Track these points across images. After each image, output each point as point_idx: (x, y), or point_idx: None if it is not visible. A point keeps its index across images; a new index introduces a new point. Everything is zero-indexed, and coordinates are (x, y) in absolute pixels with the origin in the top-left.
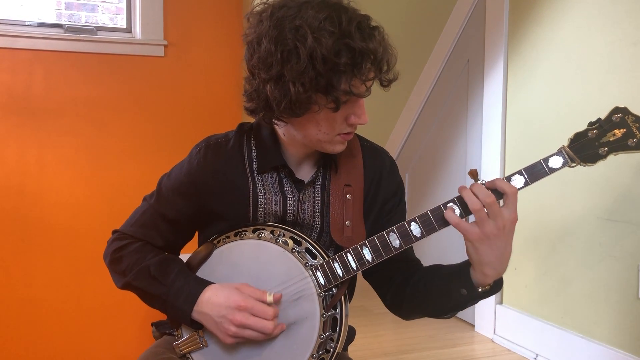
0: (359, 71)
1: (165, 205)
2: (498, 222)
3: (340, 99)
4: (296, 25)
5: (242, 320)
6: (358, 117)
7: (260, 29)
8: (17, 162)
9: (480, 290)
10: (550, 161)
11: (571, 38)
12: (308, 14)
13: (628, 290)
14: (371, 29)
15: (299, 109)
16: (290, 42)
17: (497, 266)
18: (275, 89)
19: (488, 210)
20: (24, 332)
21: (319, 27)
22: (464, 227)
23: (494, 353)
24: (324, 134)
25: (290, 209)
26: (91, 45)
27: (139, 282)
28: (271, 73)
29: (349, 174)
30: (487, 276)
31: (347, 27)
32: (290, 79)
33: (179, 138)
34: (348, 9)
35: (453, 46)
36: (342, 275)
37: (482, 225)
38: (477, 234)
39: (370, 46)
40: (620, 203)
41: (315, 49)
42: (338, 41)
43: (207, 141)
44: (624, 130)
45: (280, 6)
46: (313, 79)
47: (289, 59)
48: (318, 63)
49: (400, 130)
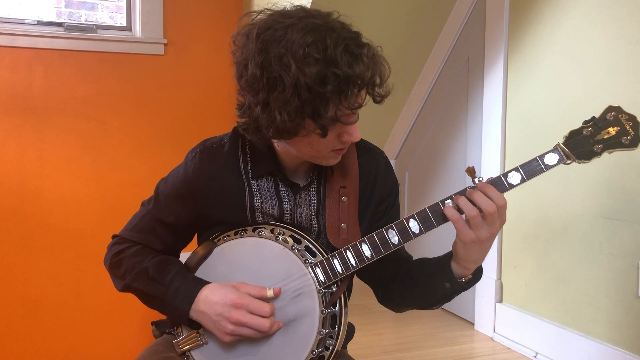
0: (345, 98)
1: (163, 210)
2: (492, 228)
3: (326, 126)
4: (280, 53)
5: (239, 317)
6: (350, 136)
7: (247, 51)
8: (17, 160)
9: (463, 280)
10: (546, 158)
11: (571, 37)
12: (293, 38)
13: (628, 289)
14: (359, 49)
15: (287, 133)
16: (275, 70)
17: (480, 261)
18: (263, 114)
19: (486, 218)
20: (24, 331)
21: (303, 54)
22: (461, 226)
23: (494, 351)
24: (316, 152)
25: (287, 213)
26: (91, 44)
27: (138, 284)
28: (258, 98)
29: (344, 175)
30: (469, 269)
31: (333, 53)
32: (276, 107)
33: (178, 136)
34: (335, 29)
35: (453, 45)
36: (342, 272)
37: (478, 229)
38: (470, 237)
39: (357, 71)
40: (619, 201)
41: (299, 79)
42: (323, 69)
43: (202, 146)
44: (618, 128)
45: (265, 28)
46: (299, 108)
47: (275, 86)
48: (303, 92)
49: (400, 129)
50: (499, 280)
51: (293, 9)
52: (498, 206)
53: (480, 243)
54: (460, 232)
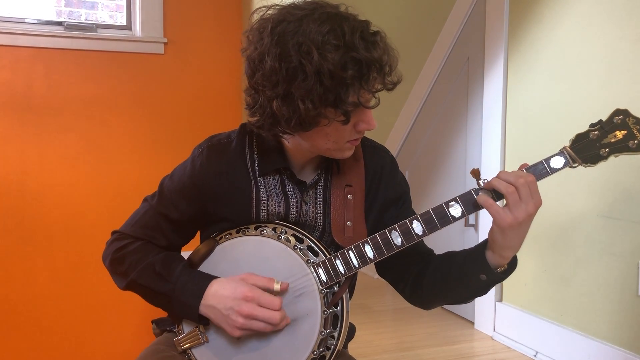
0: (366, 82)
1: (168, 206)
2: (528, 206)
3: (349, 112)
4: (299, 42)
5: (250, 311)
6: (367, 124)
7: (262, 45)
8: (17, 160)
9: (499, 271)
10: (552, 161)
11: (571, 36)
12: (310, 28)
13: (628, 288)
14: (373, 36)
15: (309, 124)
16: (294, 59)
17: (517, 248)
18: (283, 106)
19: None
20: (24, 331)
21: (322, 41)
22: (496, 209)
23: (494, 350)
24: (332, 143)
25: (293, 211)
26: (91, 43)
27: (144, 280)
28: (277, 91)
29: (350, 173)
30: (505, 258)
31: (351, 39)
32: (299, 96)
33: (178, 135)
34: (348, 17)
35: (453, 44)
36: (344, 272)
37: (515, 209)
38: (508, 220)
39: (375, 55)
40: (620, 201)
41: (322, 65)
42: (344, 54)
43: (210, 142)
44: (625, 132)
45: (279, 21)
46: (322, 95)
47: (295, 76)
48: (325, 78)
49: (400, 128)
50: None
51: (303, 2)
52: (527, 180)
53: (518, 226)
54: (496, 217)
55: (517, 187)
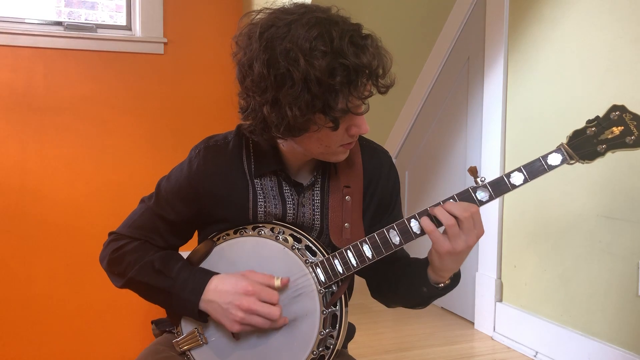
0: (355, 88)
1: (165, 207)
2: (469, 238)
3: (337, 118)
4: (287, 48)
5: (250, 305)
6: (359, 128)
7: (251, 51)
8: (17, 159)
9: (440, 286)
10: (549, 158)
11: (571, 35)
12: (298, 33)
13: (628, 288)
14: (363, 40)
15: (298, 130)
16: (282, 66)
17: (454, 270)
18: (272, 113)
19: (462, 226)
20: (24, 331)
21: (310, 48)
22: (437, 236)
23: (494, 350)
24: (325, 147)
25: (290, 212)
26: (91, 43)
27: (143, 277)
28: (266, 97)
29: (348, 174)
30: (443, 277)
31: (339, 44)
32: (287, 103)
33: (178, 135)
34: (338, 21)
35: (453, 44)
36: (343, 272)
37: (455, 240)
38: (447, 248)
39: (364, 60)
40: (619, 201)
41: (309, 72)
42: (332, 61)
43: (207, 143)
44: (622, 128)
45: (268, 26)
46: (309, 102)
47: (283, 82)
48: (313, 85)
49: (400, 128)
50: (499, 280)
51: (293, 6)
52: (472, 212)
53: (456, 255)
54: (436, 243)
55: (460, 220)
